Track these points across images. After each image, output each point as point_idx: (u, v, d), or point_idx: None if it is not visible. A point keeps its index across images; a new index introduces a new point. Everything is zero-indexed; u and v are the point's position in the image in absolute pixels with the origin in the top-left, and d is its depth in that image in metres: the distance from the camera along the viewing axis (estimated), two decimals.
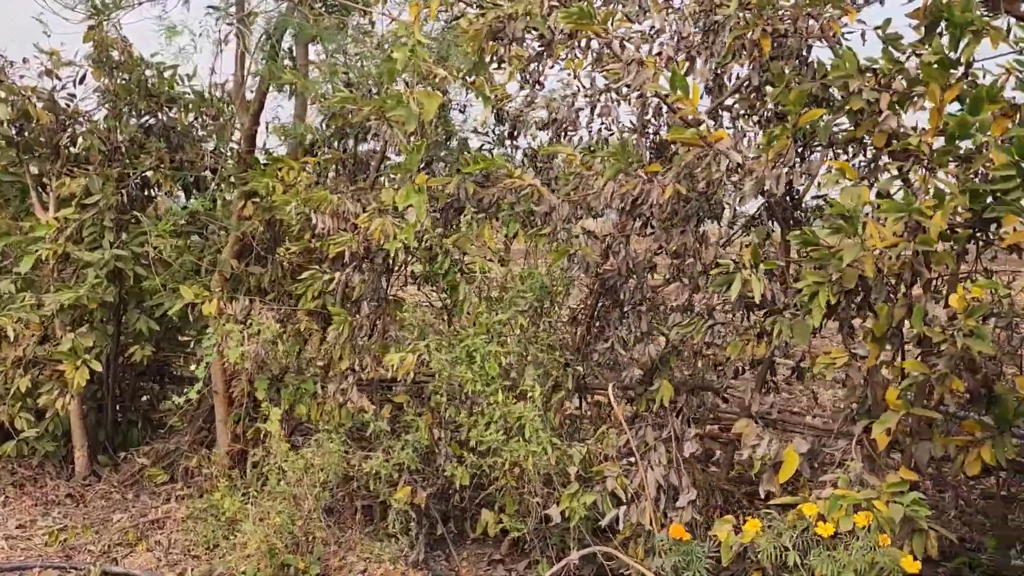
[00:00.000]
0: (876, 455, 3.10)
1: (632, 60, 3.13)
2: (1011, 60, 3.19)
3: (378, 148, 4.75)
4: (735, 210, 4.31)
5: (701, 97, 3.28)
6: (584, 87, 4.28)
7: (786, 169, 3.06)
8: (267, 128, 4.86)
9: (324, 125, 4.28)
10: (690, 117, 3.08)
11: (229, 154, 4.97)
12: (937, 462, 3.09)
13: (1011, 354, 3.25)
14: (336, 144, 4.74)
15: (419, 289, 5.10)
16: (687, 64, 3.46)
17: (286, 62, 4.35)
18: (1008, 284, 3.48)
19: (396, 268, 4.46)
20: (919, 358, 3.17)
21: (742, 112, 3.54)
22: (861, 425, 3.21)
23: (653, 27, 3.44)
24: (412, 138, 3.58)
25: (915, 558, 2.58)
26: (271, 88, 4.27)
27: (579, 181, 3.41)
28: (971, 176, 3.03)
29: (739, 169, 3.07)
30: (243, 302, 4.48)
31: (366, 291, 4.13)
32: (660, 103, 3.57)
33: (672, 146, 3.71)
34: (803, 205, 4.10)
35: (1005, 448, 2.87)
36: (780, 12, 3.28)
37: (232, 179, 4.82)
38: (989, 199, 2.89)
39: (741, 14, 3.19)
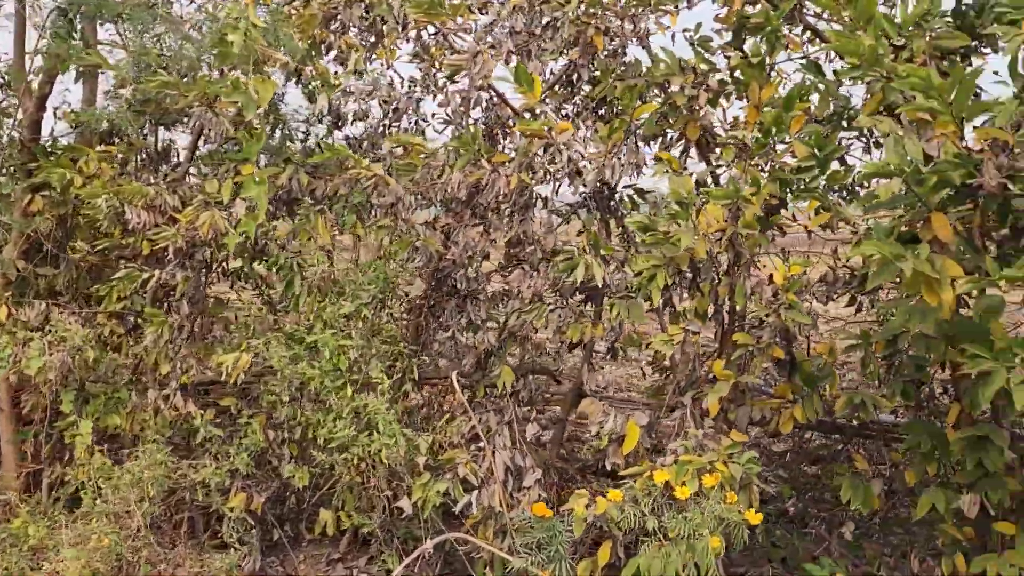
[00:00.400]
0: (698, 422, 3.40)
1: (476, 52, 3.19)
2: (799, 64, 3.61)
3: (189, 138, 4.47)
4: (549, 200, 4.49)
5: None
6: (404, 78, 4.30)
7: (621, 159, 3.26)
8: (55, 114, 4.40)
9: (129, 111, 3.95)
10: (535, 109, 3.19)
11: (8, 143, 4.44)
12: (755, 424, 3.43)
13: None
14: (138, 132, 4.38)
15: (232, 287, 4.86)
16: (521, 59, 3.57)
17: (80, 42, 3.95)
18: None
19: (215, 265, 4.22)
20: (734, 332, 3.52)
21: (572, 106, 3.72)
22: (690, 396, 3.50)
23: (491, 21, 3.52)
24: (243, 126, 3.40)
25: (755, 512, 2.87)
26: (66, 70, 3.86)
27: (426, 171, 3.42)
28: (777, 166, 3.39)
29: (579, 160, 3.23)
30: (38, 307, 4.04)
31: (188, 289, 3.88)
32: (494, 96, 3.66)
33: (505, 138, 3.82)
34: (617, 194, 4.36)
35: (813, 408, 3.25)
36: (607, 12, 3.47)
37: (14, 171, 4.31)
38: (794, 187, 3.25)
39: (577, 12, 3.35)
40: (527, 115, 3.29)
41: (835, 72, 2.86)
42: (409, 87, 4.20)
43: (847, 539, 3.52)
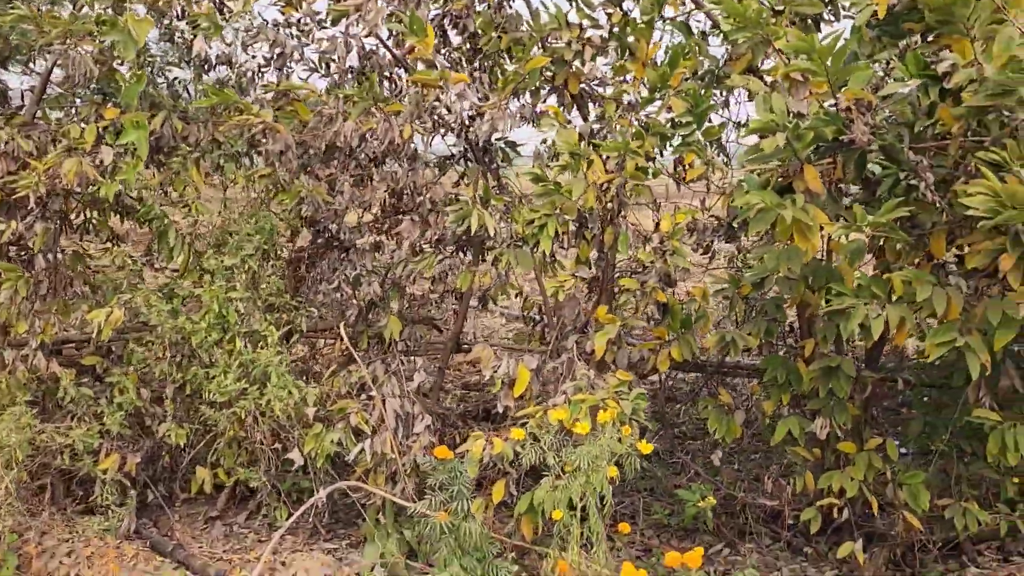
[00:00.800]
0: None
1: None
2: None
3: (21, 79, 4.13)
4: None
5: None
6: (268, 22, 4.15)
7: (512, 112, 3.34)
8: None
9: None
10: (429, 59, 3.20)
11: None
12: (634, 364, 3.66)
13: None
14: None
15: (81, 239, 4.56)
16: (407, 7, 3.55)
17: None
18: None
19: (77, 216, 3.96)
20: (613, 278, 3.73)
21: (463, 58, 3.75)
22: (573, 339, 3.69)
23: None
24: (107, 67, 3.19)
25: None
26: None
27: (318, 120, 3.34)
28: (656, 120, 3.58)
29: (472, 112, 3.28)
30: None
31: (47, 242, 3.62)
32: (380, 45, 3.63)
33: (392, 87, 3.80)
34: (492, 146, 4.45)
35: (689, 347, 3.51)
36: None
37: None
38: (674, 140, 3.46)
39: None
40: (420, 65, 3.29)
41: (724, 33, 3.06)
42: (287, 33, 4.06)
43: (716, 465, 3.84)
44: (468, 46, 3.80)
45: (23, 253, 3.92)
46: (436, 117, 3.37)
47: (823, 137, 2.64)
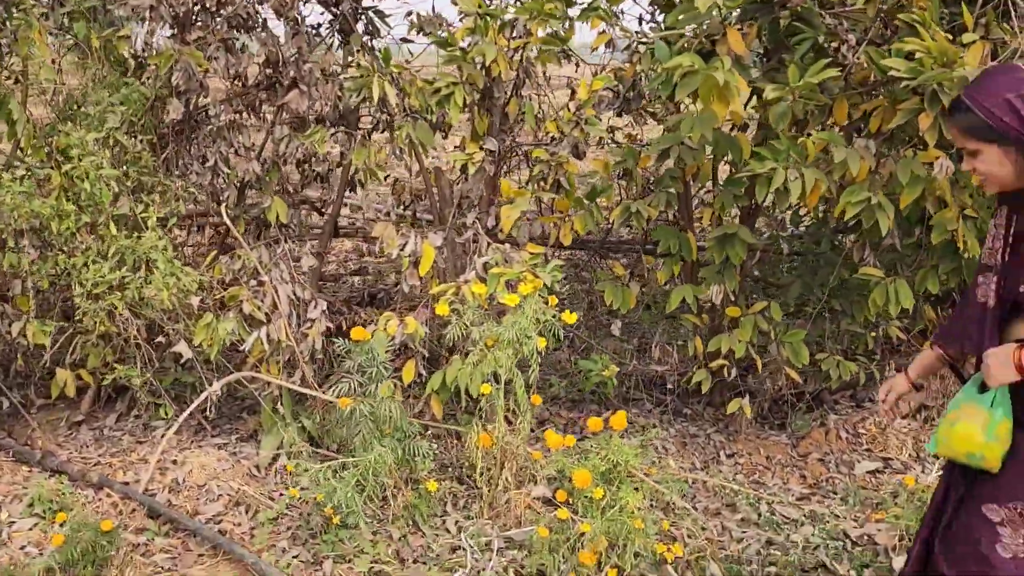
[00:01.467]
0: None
1: None
2: None
3: None
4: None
5: None
6: None
7: None
8: None
9: None
10: None
11: None
12: (535, 238, 3.63)
13: None
14: None
15: None
16: None
17: None
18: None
19: None
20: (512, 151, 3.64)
21: None
22: (473, 216, 3.59)
23: None
24: None
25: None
26: None
27: None
28: None
29: None
30: None
31: None
32: None
33: None
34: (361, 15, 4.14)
35: (593, 219, 3.52)
36: None
37: None
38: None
39: None
40: None
41: None
42: None
43: (615, 335, 3.94)
44: None
45: None
46: None
47: None
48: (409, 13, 3.62)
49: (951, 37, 2.57)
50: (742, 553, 3.07)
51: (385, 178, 4.50)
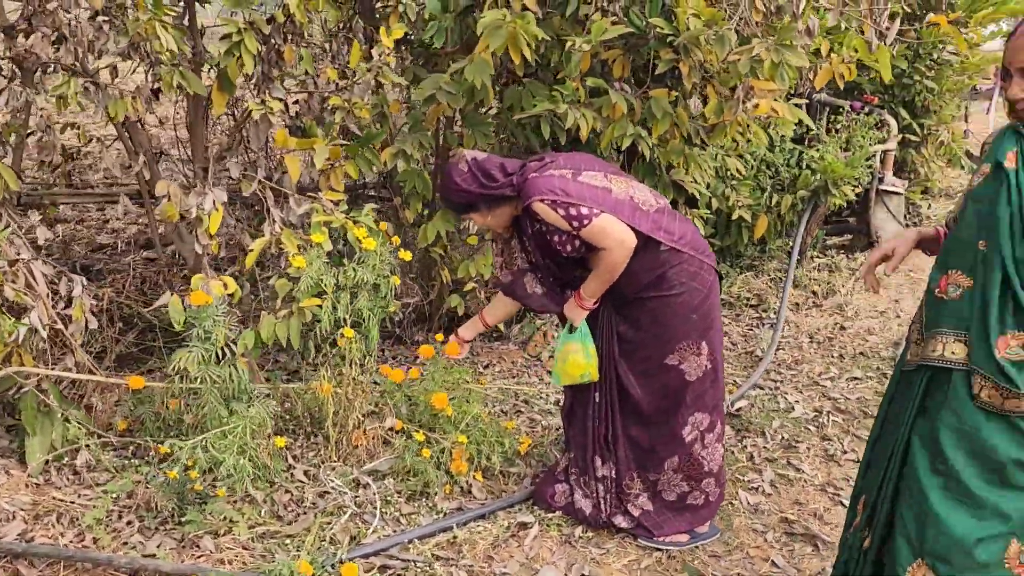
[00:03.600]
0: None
1: None
2: None
3: None
4: None
5: None
6: None
7: None
8: None
9: None
10: None
11: None
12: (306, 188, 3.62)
13: None
14: None
15: None
16: None
17: None
18: None
19: None
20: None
21: None
22: (262, 172, 3.45)
23: None
24: None
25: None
26: None
27: None
28: None
29: None
30: None
31: None
32: None
33: None
34: None
35: (368, 162, 3.61)
36: None
37: None
38: None
39: None
40: None
41: None
42: None
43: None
44: None
45: None
46: None
47: None
48: None
49: None
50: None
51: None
